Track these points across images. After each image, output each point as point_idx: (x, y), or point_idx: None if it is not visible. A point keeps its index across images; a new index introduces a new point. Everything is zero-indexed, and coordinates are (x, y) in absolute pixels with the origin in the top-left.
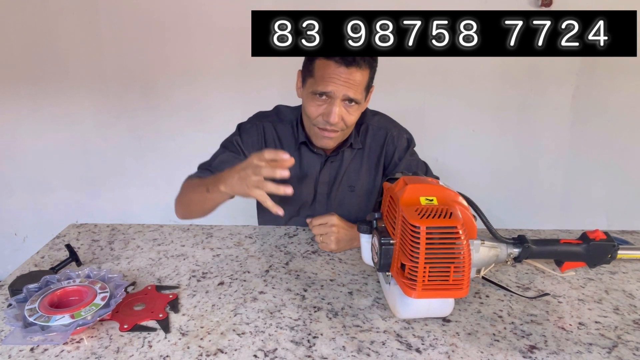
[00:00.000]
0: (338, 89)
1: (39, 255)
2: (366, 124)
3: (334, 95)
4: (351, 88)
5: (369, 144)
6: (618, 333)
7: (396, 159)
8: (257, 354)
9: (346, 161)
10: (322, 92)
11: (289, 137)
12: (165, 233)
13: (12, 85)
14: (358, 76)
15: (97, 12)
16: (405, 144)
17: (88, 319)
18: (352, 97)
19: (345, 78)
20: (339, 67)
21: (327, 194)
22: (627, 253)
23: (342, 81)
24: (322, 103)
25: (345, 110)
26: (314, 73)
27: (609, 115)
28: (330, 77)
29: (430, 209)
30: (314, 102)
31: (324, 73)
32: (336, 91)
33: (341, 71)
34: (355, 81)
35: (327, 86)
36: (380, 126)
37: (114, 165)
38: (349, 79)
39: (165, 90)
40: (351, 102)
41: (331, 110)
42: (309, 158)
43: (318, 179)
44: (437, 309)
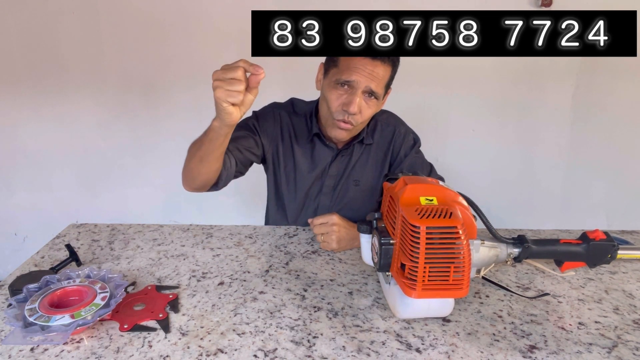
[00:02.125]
0: (361, 79)
1: (39, 255)
2: (375, 119)
3: (357, 86)
4: (374, 80)
5: (377, 140)
6: (618, 333)
7: (402, 156)
8: (257, 354)
9: (355, 156)
10: (345, 81)
11: (302, 128)
12: (165, 233)
13: (12, 85)
14: (381, 70)
15: (97, 12)
16: (411, 142)
17: (88, 319)
18: (374, 89)
19: (369, 70)
20: (364, 59)
21: (333, 187)
22: (627, 253)
23: (367, 72)
24: (344, 93)
25: (364, 103)
26: (338, 63)
27: (609, 115)
28: (355, 67)
29: (430, 209)
30: (335, 92)
31: (349, 63)
32: (359, 81)
33: (366, 62)
34: (379, 75)
35: (351, 75)
36: (388, 123)
37: (114, 165)
38: (373, 72)
39: (165, 90)
40: (371, 95)
41: (352, 100)
42: (321, 151)
43: (327, 172)
44: (437, 309)
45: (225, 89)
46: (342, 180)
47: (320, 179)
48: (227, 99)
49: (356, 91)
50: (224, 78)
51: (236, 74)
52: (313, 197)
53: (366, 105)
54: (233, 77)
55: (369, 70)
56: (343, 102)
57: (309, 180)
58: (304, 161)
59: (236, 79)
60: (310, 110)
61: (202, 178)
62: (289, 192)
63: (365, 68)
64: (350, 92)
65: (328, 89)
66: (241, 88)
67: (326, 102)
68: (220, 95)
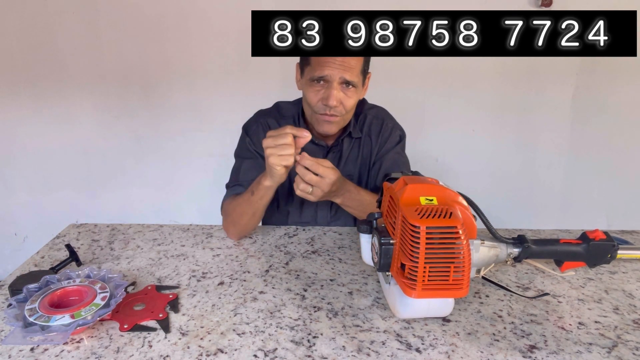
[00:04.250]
0: (334, 72)
1: (39, 255)
2: (364, 113)
3: (331, 79)
4: (347, 70)
5: (366, 132)
6: (618, 333)
7: (387, 148)
8: (257, 353)
9: (345, 151)
10: (319, 77)
11: None
12: (165, 233)
13: (12, 85)
14: (352, 60)
15: (97, 12)
16: (397, 138)
17: (88, 319)
18: (349, 79)
19: (340, 61)
20: None
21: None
22: (627, 253)
23: (338, 64)
24: (321, 88)
25: (343, 94)
26: (310, 61)
27: (609, 115)
28: (325, 62)
29: (430, 208)
30: (312, 89)
31: (319, 59)
32: (332, 74)
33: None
34: (350, 64)
35: (323, 70)
36: (377, 116)
37: (114, 165)
38: (344, 62)
39: (165, 90)
40: (348, 85)
41: (329, 93)
42: (311, 150)
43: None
44: (437, 308)
45: (278, 155)
46: None
47: None
48: (280, 163)
49: (332, 84)
50: (275, 145)
51: (286, 140)
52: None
53: (345, 96)
54: (284, 143)
55: (339, 62)
56: (321, 97)
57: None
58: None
59: (287, 144)
60: (297, 111)
61: (254, 227)
62: (286, 195)
63: (336, 61)
64: (327, 87)
65: (306, 88)
66: (292, 151)
67: (306, 100)
68: (275, 161)
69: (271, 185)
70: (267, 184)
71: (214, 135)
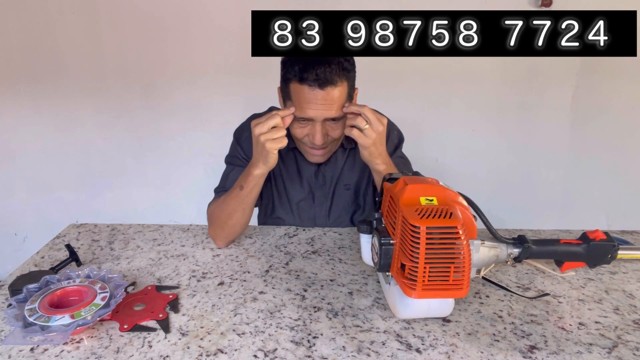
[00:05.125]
0: (317, 114)
1: (39, 255)
2: None
3: (315, 119)
4: (331, 109)
5: None
6: (618, 333)
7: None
8: (257, 354)
9: (340, 162)
10: (302, 118)
11: None
12: (165, 233)
13: (12, 85)
14: (336, 93)
15: (97, 12)
16: (395, 141)
17: (88, 319)
18: (334, 116)
19: (322, 100)
20: (314, 91)
21: (325, 196)
22: (627, 253)
23: (320, 104)
24: (305, 125)
25: (329, 128)
26: (291, 97)
27: (609, 116)
28: (307, 103)
29: (430, 209)
30: (297, 125)
31: (300, 98)
32: (316, 116)
33: (317, 94)
34: (334, 100)
35: (305, 112)
36: None
37: (114, 165)
38: (327, 101)
39: (165, 90)
40: (334, 119)
41: (314, 132)
42: (303, 163)
43: (315, 183)
44: (437, 309)
45: (272, 139)
46: (332, 188)
47: (310, 191)
48: (277, 146)
49: (316, 124)
50: (268, 129)
51: (276, 120)
52: (307, 209)
53: (332, 129)
54: (275, 124)
55: (321, 101)
56: (307, 133)
57: (301, 193)
58: (291, 174)
59: (278, 126)
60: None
61: (243, 228)
62: (283, 206)
63: (318, 100)
64: (312, 125)
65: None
66: (283, 132)
67: (291, 132)
68: (271, 145)
69: (263, 172)
70: (258, 172)
71: (214, 135)
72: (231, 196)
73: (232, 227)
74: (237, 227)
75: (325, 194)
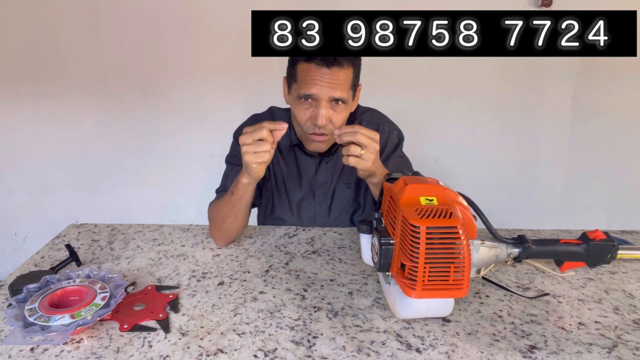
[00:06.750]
0: (322, 91)
1: (39, 255)
2: (358, 119)
3: (319, 97)
4: (336, 88)
5: None
6: (618, 333)
7: (388, 152)
8: (257, 354)
9: (340, 160)
10: (306, 95)
11: (284, 138)
12: (165, 233)
13: (12, 85)
14: (341, 75)
15: (97, 12)
16: (395, 140)
17: (88, 319)
18: (338, 97)
19: (328, 79)
20: (320, 69)
21: (325, 194)
22: (627, 253)
23: (326, 82)
24: (309, 106)
25: (332, 112)
26: (297, 77)
27: (609, 116)
28: (313, 80)
29: (430, 209)
30: (300, 107)
31: (306, 76)
32: (320, 93)
33: (323, 72)
34: (339, 80)
35: (310, 88)
36: (371, 120)
37: (114, 165)
38: (332, 79)
39: (165, 90)
40: (338, 102)
41: (318, 112)
42: (304, 160)
43: (315, 181)
44: (437, 309)
45: (253, 152)
46: (332, 186)
47: (311, 190)
48: (256, 161)
49: (320, 103)
50: (252, 141)
51: (262, 134)
52: (307, 207)
53: (335, 113)
54: (260, 137)
55: (327, 79)
56: (310, 115)
57: (300, 192)
58: (291, 173)
59: (263, 139)
60: (289, 119)
61: (238, 231)
62: (283, 206)
63: (324, 78)
64: (315, 105)
65: (294, 105)
66: (267, 148)
67: (295, 117)
68: (249, 159)
69: (249, 182)
70: (245, 181)
71: (214, 135)
72: (224, 201)
73: (227, 230)
74: (231, 230)
75: (326, 192)
